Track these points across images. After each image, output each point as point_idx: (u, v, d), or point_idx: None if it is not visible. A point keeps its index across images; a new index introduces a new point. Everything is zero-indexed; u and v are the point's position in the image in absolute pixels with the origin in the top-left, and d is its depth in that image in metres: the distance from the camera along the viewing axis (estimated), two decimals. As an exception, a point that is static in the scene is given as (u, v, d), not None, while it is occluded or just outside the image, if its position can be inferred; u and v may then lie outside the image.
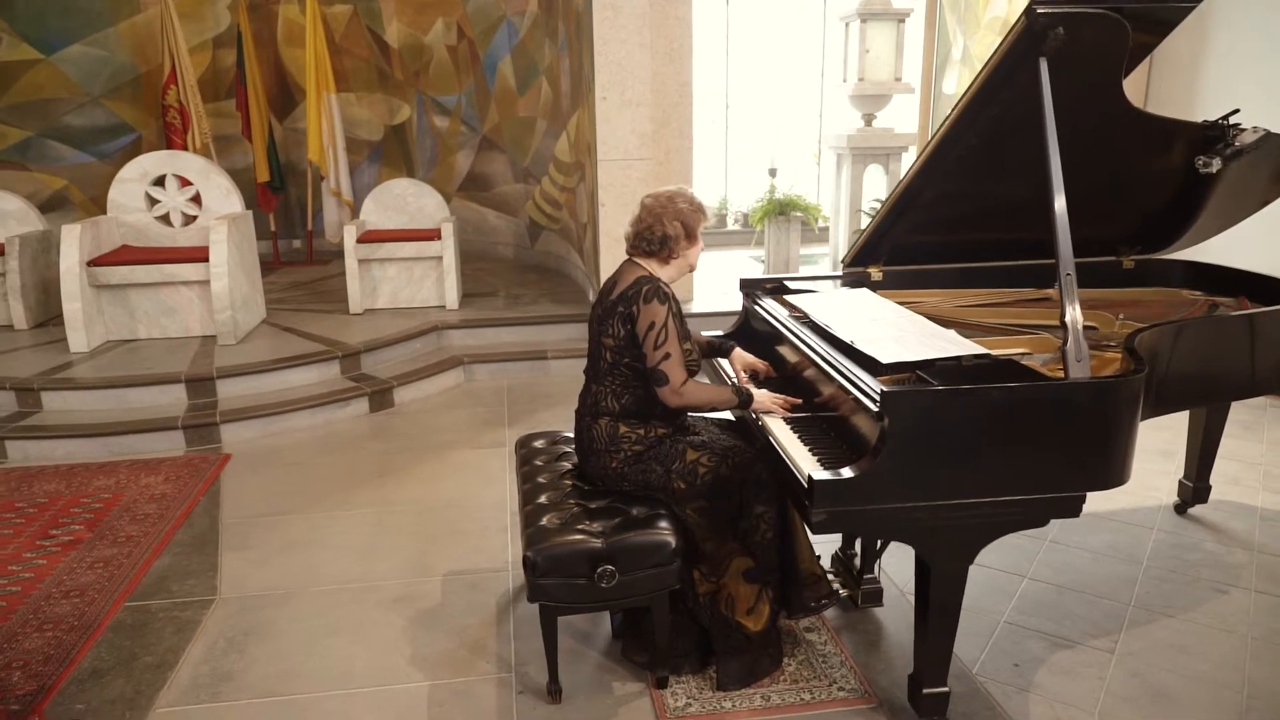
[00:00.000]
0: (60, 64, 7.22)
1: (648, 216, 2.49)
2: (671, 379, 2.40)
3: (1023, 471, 2.04)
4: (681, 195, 2.51)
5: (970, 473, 2.03)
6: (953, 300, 3.11)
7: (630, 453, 2.49)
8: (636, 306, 2.40)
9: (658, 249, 2.48)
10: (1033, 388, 2.01)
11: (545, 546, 2.29)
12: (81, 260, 4.86)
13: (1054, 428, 2.03)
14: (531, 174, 7.47)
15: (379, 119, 8.16)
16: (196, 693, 2.50)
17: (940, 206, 2.90)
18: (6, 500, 3.72)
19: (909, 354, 2.28)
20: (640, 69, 5.17)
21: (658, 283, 2.43)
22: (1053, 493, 2.08)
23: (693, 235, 2.51)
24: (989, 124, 2.48)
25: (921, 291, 3.21)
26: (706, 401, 2.49)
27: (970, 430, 2.00)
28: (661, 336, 2.38)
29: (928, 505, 2.04)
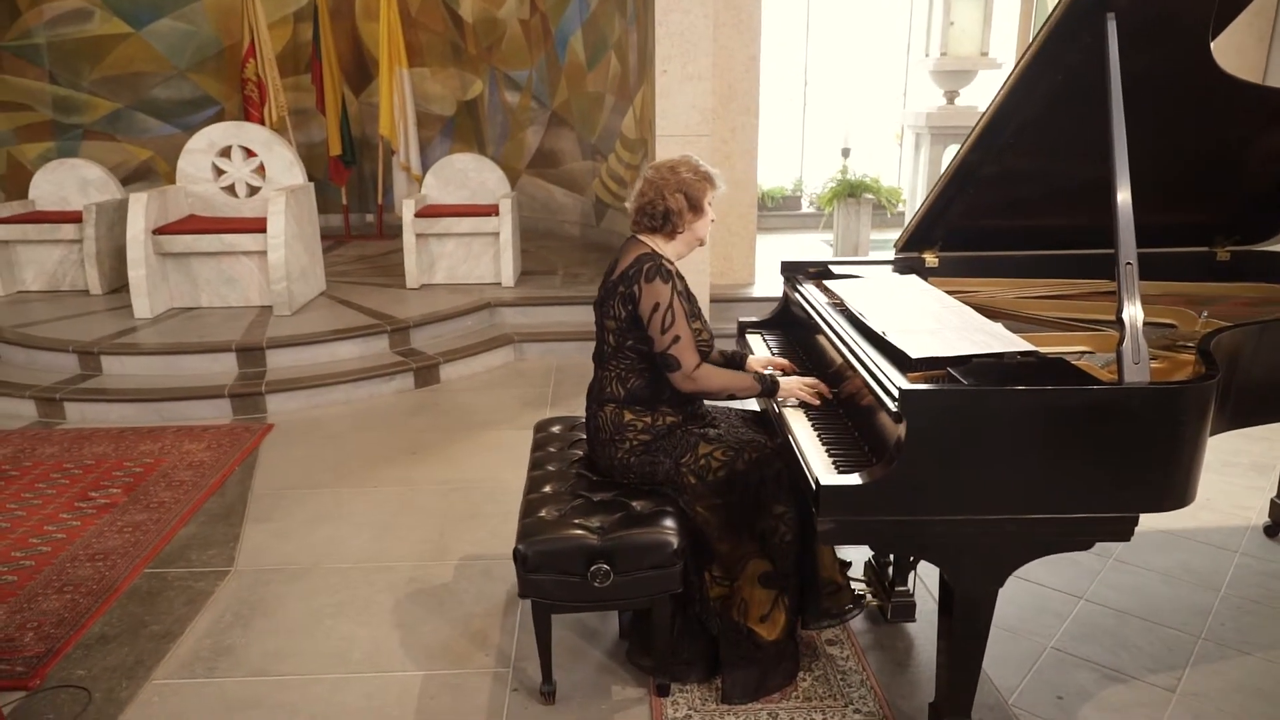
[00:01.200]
0: (149, 38, 7.43)
1: (649, 190, 2.31)
2: (684, 363, 2.23)
3: (1063, 487, 1.79)
4: (685, 164, 2.32)
5: (1001, 486, 1.79)
6: (1014, 291, 2.82)
7: (636, 442, 2.33)
8: (637, 286, 2.23)
9: (660, 224, 2.31)
10: (1078, 392, 1.75)
11: (537, 540, 2.15)
12: (147, 228, 4.97)
13: (1102, 438, 1.77)
14: (599, 151, 7.33)
15: (452, 94, 8.14)
16: (193, 666, 2.48)
17: (1000, 186, 2.62)
18: (56, 460, 3.82)
19: (943, 348, 2.04)
20: (702, 40, 4.95)
21: (660, 260, 2.25)
22: (1099, 512, 1.82)
23: (698, 207, 2.31)
24: (1051, 92, 2.20)
25: (980, 280, 2.93)
26: (723, 386, 2.31)
27: (1001, 437, 1.76)
28: (668, 318, 2.21)
29: (950, 520, 1.81)
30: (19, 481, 3.62)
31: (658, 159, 5.16)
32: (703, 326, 2.36)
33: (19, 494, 3.50)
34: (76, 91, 7.20)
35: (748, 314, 3.25)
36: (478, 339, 5.15)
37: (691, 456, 2.30)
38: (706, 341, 2.36)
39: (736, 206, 5.73)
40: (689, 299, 2.34)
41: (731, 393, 2.32)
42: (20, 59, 6.89)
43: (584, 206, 7.71)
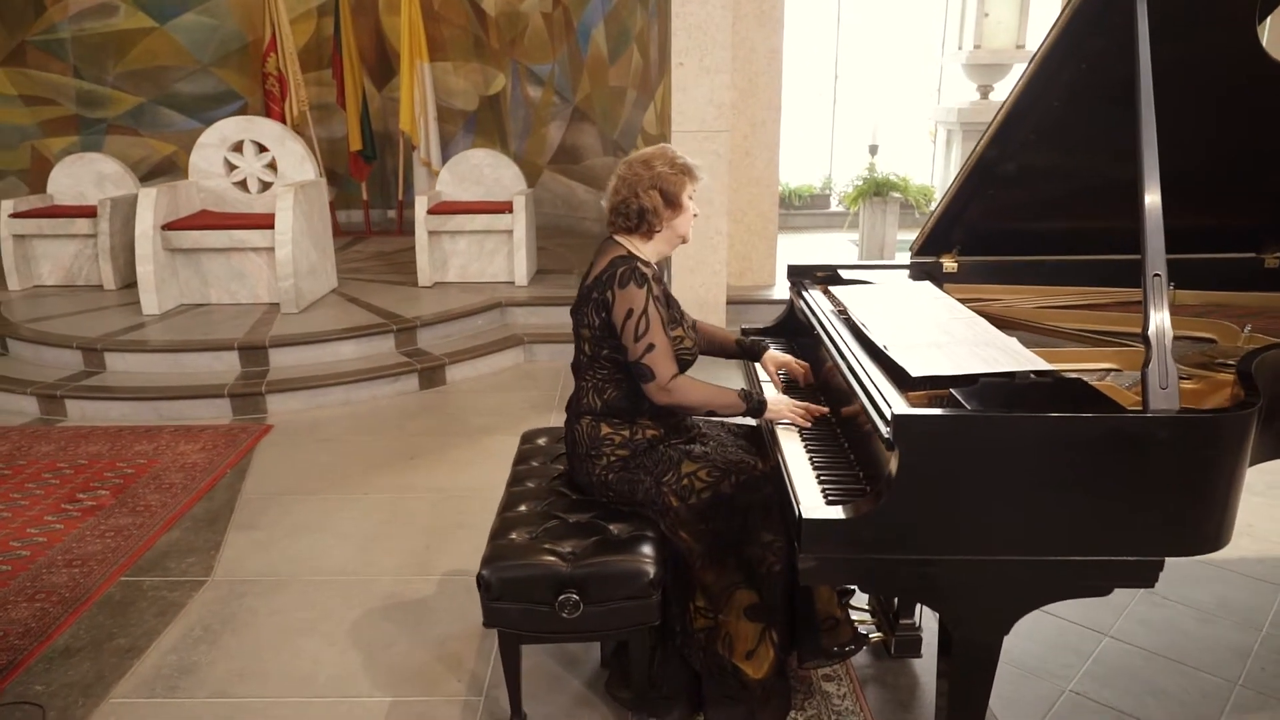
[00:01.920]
0: (173, 32, 7.43)
1: (622, 187, 2.14)
2: (658, 373, 2.06)
3: (1077, 527, 1.59)
4: (661, 156, 2.14)
5: (1007, 524, 1.59)
6: (1038, 300, 2.60)
7: (614, 458, 2.17)
8: (610, 292, 2.06)
9: (636, 224, 2.14)
10: (1094, 420, 1.55)
11: (503, 565, 2.00)
12: (156, 223, 4.91)
13: (1122, 473, 1.56)
14: (620, 146, 7.17)
15: (474, 89, 8.04)
16: (154, 685, 2.37)
17: (1022, 186, 2.40)
18: (50, 460, 3.76)
19: (949, 365, 1.85)
20: (720, 33, 4.75)
21: (634, 263, 2.08)
22: (1117, 555, 1.61)
23: (676, 203, 2.14)
24: (1075, 82, 1.99)
25: (1001, 288, 2.71)
26: (703, 401, 2.13)
27: (1007, 469, 1.56)
28: (642, 325, 2.04)
29: (947, 561, 1.62)
30: (10, 481, 3.56)
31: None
32: (685, 334, 2.18)
33: (8, 495, 3.44)
34: (100, 86, 7.22)
35: (768, 318, 3.06)
36: (486, 339, 5.02)
37: (674, 475, 2.13)
38: (689, 350, 2.19)
39: (757, 205, 5.53)
40: (669, 304, 2.16)
41: (712, 409, 2.15)
42: (45, 53, 6.92)
43: (605, 204, 7.55)
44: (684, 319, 2.22)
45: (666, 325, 2.09)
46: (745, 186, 5.46)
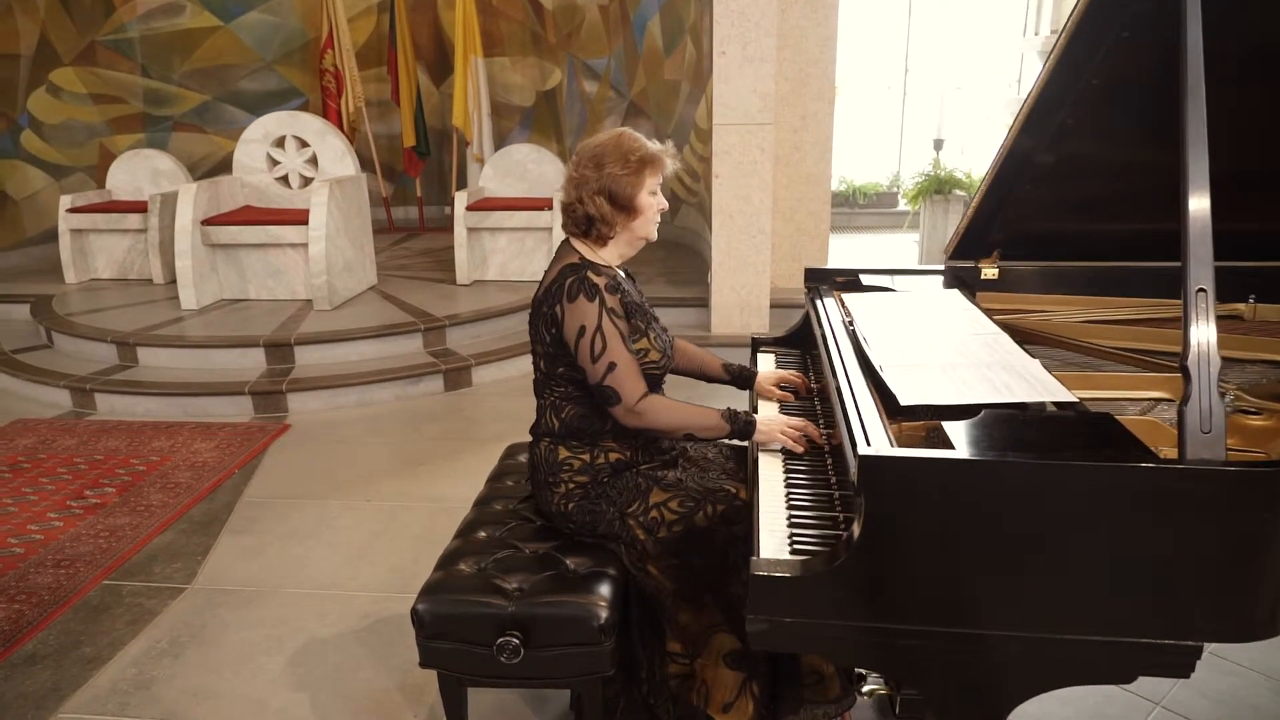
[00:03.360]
0: (237, 30, 7.53)
1: (570, 187, 1.90)
2: (623, 395, 1.83)
3: (1085, 601, 1.29)
4: (615, 150, 1.86)
5: (994, 592, 1.31)
6: (1087, 312, 2.26)
7: (573, 485, 1.94)
8: (560, 307, 1.83)
9: (585, 229, 1.90)
10: (1106, 471, 1.25)
11: (439, 599, 1.80)
12: (195, 219, 4.92)
13: (1145, 537, 1.26)
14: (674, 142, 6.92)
15: (531, 84, 7.91)
16: (107, 700, 2.26)
17: (1064, 180, 2.08)
18: (69, 454, 3.76)
19: (947, 392, 1.56)
20: (765, 19, 4.46)
21: (583, 273, 1.84)
22: (1141, 637, 1.31)
23: (630, 207, 1.88)
24: (1114, 54, 1.66)
25: (1046, 298, 2.39)
26: (679, 424, 1.88)
27: (995, 526, 1.28)
28: (597, 343, 1.81)
29: (926, 633, 1.34)
30: (27, 475, 3.56)
31: (715, 149, 4.75)
32: (651, 345, 1.93)
33: (20, 488, 3.43)
34: (167, 84, 7.36)
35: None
36: (515, 341, 4.85)
37: (640, 506, 1.89)
38: (656, 365, 1.94)
39: (807, 203, 5.21)
40: (630, 314, 1.91)
41: (690, 431, 1.90)
42: (114, 53, 7.09)
43: (659, 201, 7.32)
44: (652, 327, 1.97)
45: (627, 339, 1.85)
46: (795, 183, 5.15)
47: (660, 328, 2.02)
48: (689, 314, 5.16)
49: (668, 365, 1.99)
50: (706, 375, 2.25)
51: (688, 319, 5.15)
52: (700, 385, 2.37)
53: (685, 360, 2.26)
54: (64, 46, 6.78)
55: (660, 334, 1.99)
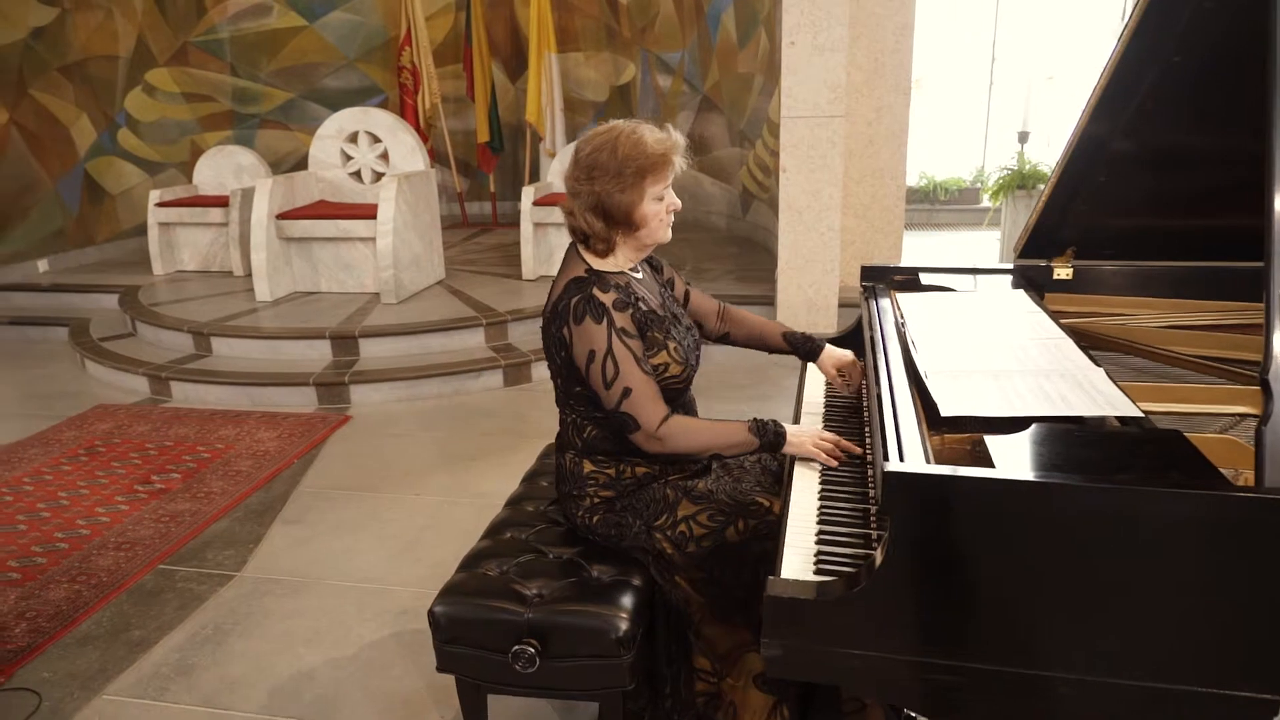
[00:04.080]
0: (321, 30, 7.72)
1: (566, 198, 1.80)
2: (642, 421, 1.71)
3: (1143, 642, 1.15)
4: (607, 160, 1.69)
5: (1038, 629, 1.17)
6: (1166, 317, 2.07)
7: (598, 499, 1.86)
8: (567, 329, 1.73)
9: (585, 242, 1.80)
10: (1165, 497, 1.10)
11: (457, 602, 1.75)
12: (271, 213, 5.04)
13: (1214, 575, 1.11)
14: (747, 137, 6.79)
15: (605, 79, 7.88)
16: (148, 684, 2.30)
17: (1145, 170, 1.90)
18: (141, 440, 3.89)
19: (995, 402, 1.43)
20: (837, 7, 4.30)
21: (589, 290, 1.71)
22: (1205, 686, 1.15)
23: (629, 220, 1.74)
24: (1196, 25, 1.49)
25: (1125, 300, 2.20)
26: (704, 446, 1.78)
27: (1038, 555, 1.14)
28: (609, 368, 1.70)
29: (953, 668, 1.22)
30: (100, 459, 3.70)
31: (783, 143, 4.61)
32: (672, 358, 1.79)
33: (93, 472, 3.56)
34: (254, 83, 7.61)
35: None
36: (577, 337, 4.81)
37: (668, 519, 1.80)
38: (677, 379, 1.81)
39: (880, 198, 5.01)
40: (651, 323, 1.78)
41: (717, 451, 1.79)
42: (205, 53, 7.36)
43: (730, 197, 7.20)
44: (672, 335, 1.82)
45: (642, 359, 1.73)
46: (868, 178, 4.96)
47: (685, 329, 1.91)
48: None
49: (691, 376, 1.87)
50: (767, 345, 2.16)
51: (753, 317, 5.02)
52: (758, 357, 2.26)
53: (744, 330, 2.17)
54: (159, 48, 7.07)
55: (684, 340, 1.86)
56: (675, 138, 1.77)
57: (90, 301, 5.72)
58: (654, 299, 1.87)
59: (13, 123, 5.86)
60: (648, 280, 1.90)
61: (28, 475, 3.53)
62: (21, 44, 5.91)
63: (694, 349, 1.90)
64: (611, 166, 1.70)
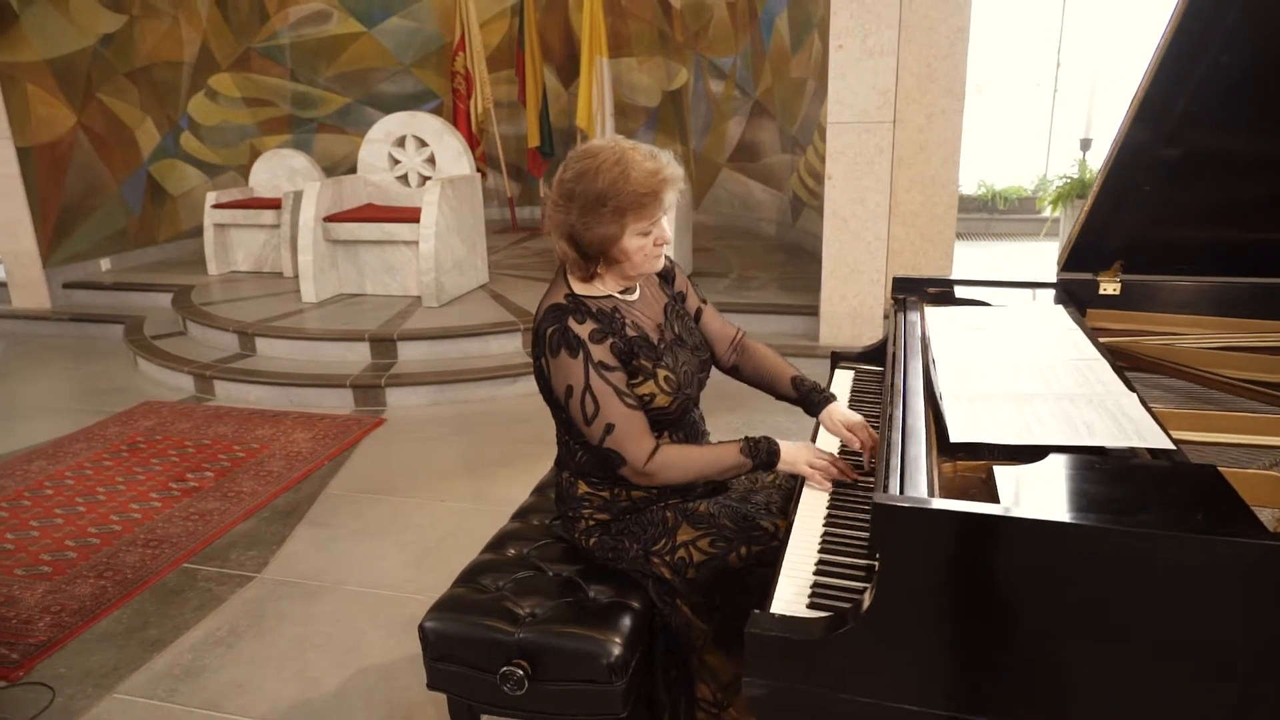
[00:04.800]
0: (378, 36, 7.85)
1: (545, 221, 1.71)
2: (628, 457, 1.63)
3: (1165, 698, 1.03)
4: (589, 190, 1.56)
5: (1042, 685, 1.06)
6: (1220, 336, 1.91)
7: (593, 522, 1.79)
8: (544, 360, 1.65)
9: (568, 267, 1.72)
10: (1184, 543, 0.98)
11: (448, 617, 1.70)
12: (318, 215, 5.11)
13: (1241, 633, 0.98)
14: (798, 143, 6.66)
15: (657, 84, 7.84)
16: (158, 685, 2.31)
17: (1195, 178, 1.75)
18: (181, 437, 3.96)
19: (1012, 429, 1.32)
20: (887, 9, 4.17)
21: (565, 321, 1.62)
22: (1234, 756, 1.03)
23: (605, 255, 1.63)
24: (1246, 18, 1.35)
25: (1173, 318, 2.05)
26: (696, 474, 1.69)
27: (1040, 602, 1.04)
28: (588, 404, 1.61)
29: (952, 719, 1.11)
30: (140, 455, 3.77)
31: (829, 150, 4.48)
32: (660, 389, 1.68)
33: (132, 469, 3.63)
34: (313, 88, 7.77)
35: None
36: (615, 344, 4.75)
37: (666, 544, 1.71)
38: (666, 409, 1.69)
39: (931, 207, 4.84)
40: (638, 349, 1.67)
41: (709, 478, 1.71)
42: (267, 59, 7.53)
43: (781, 203, 7.07)
44: (663, 363, 1.70)
45: (624, 391, 1.63)
46: (918, 186, 4.80)
47: (690, 352, 1.79)
48: (796, 322, 4.91)
49: (685, 406, 1.75)
50: (774, 389, 1.96)
51: (795, 328, 4.91)
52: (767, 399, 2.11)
53: (753, 367, 1.97)
54: (222, 53, 7.26)
55: (681, 368, 1.74)
56: (669, 170, 1.62)
57: (148, 300, 5.89)
58: (649, 321, 1.75)
59: (80, 126, 6.06)
60: (646, 299, 1.78)
61: (70, 469, 3.62)
62: (90, 50, 6.12)
63: (694, 375, 1.78)
64: (589, 196, 1.57)
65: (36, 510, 3.27)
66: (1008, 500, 1.10)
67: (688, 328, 1.86)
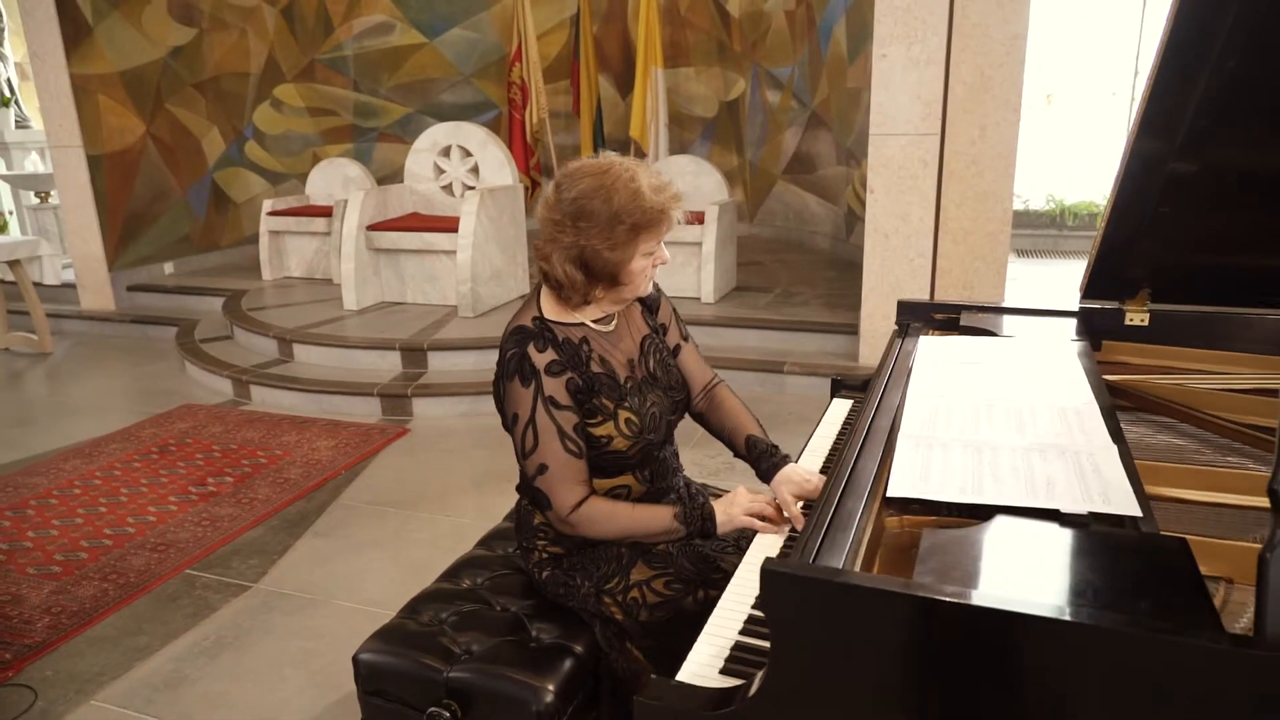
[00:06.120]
0: (440, 47, 7.94)
1: (541, 226, 1.60)
2: (555, 502, 1.55)
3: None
4: (601, 210, 1.49)
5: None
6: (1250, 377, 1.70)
7: (546, 554, 1.70)
8: (501, 384, 1.58)
9: (556, 289, 1.61)
10: (1112, 638, 0.83)
11: (382, 650, 1.63)
12: (361, 224, 5.17)
13: (1183, 746, 0.83)
14: (854, 155, 6.44)
15: (714, 95, 7.72)
16: (136, 694, 2.31)
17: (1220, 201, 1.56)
18: (210, 441, 4.02)
19: (954, 484, 1.18)
20: (934, 16, 3.97)
21: (526, 347, 1.55)
22: None
23: (614, 278, 1.55)
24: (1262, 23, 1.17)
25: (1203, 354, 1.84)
26: (621, 534, 1.60)
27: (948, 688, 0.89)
28: (529, 438, 1.53)
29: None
30: (169, 457, 3.84)
31: (870, 163, 4.31)
32: (619, 431, 1.58)
33: (158, 471, 3.70)
34: (375, 98, 7.91)
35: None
36: (647, 359, 4.65)
37: (619, 583, 1.61)
38: (624, 454, 1.60)
39: (983, 224, 4.59)
40: (599, 388, 1.58)
41: (636, 539, 1.62)
42: (331, 69, 7.71)
43: (835, 217, 6.86)
44: (627, 403, 1.60)
45: (570, 434, 1.54)
46: (970, 201, 4.56)
47: (662, 392, 1.68)
48: (836, 341, 4.72)
49: (646, 449, 1.63)
50: (732, 445, 1.83)
51: (834, 346, 4.72)
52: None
53: (717, 419, 1.85)
54: (288, 64, 7.46)
55: (649, 409, 1.64)
56: (673, 187, 1.58)
57: (205, 304, 6.05)
58: (619, 356, 1.66)
59: (149, 134, 6.29)
60: (621, 331, 1.69)
61: (100, 469, 3.71)
62: (161, 62, 6.35)
63: (663, 418, 1.67)
64: (603, 217, 1.50)
65: (61, 509, 3.35)
66: (923, 569, 0.96)
67: (664, 364, 1.75)
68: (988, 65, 4.34)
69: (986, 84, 4.36)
